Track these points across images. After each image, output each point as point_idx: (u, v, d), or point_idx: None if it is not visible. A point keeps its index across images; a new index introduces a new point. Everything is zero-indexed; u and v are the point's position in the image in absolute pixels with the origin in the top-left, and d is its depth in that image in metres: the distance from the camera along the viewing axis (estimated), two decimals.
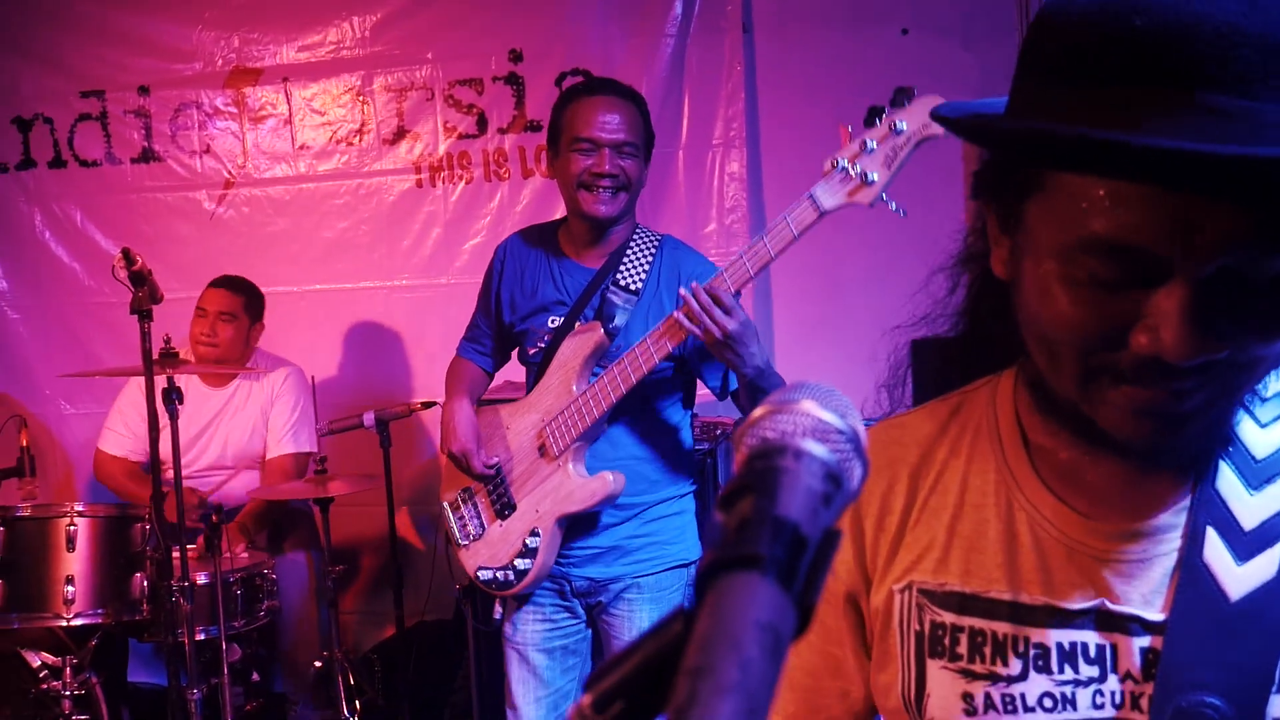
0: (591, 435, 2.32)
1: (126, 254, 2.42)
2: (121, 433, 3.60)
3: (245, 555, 3.17)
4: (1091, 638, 0.83)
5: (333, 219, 4.05)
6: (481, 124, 3.93)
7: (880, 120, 1.97)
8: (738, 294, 2.12)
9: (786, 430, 0.49)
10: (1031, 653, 0.84)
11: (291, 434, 3.55)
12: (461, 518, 2.50)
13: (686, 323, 2.09)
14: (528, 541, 2.36)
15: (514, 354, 2.60)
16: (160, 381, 2.64)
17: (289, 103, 4.05)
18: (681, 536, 2.45)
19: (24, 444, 2.93)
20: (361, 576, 4.02)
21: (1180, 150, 0.63)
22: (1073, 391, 0.77)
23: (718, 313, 2.05)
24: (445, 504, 2.54)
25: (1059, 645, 0.84)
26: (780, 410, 0.50)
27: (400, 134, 3.99)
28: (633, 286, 2.33)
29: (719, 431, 3.44)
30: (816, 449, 0.48)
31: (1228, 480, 0.82)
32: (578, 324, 2.37)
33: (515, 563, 2.38)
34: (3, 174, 4.20)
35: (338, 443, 3.54)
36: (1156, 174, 0.66)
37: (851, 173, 1.99)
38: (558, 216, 2.58)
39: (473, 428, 2.43)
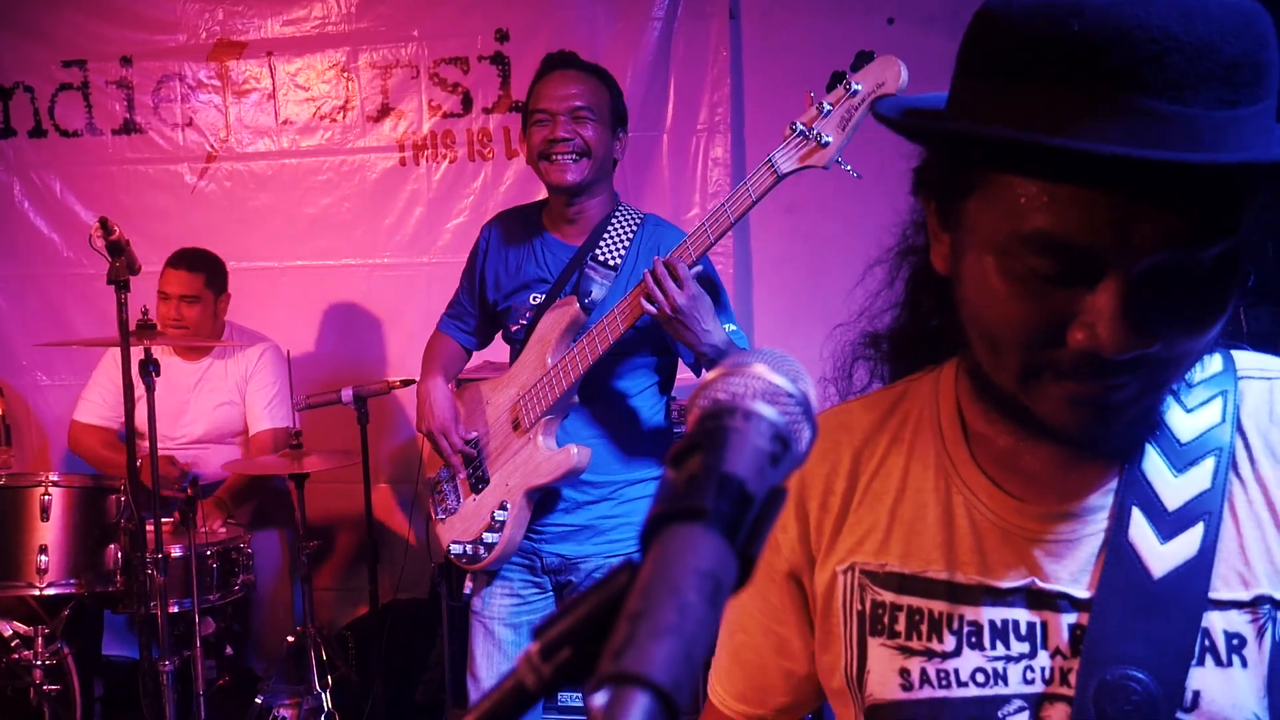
0: (561, 408, 2.33)
1: (104, 223, 2.41)
2: (97, 402, 3.60)
3: (222, 530, 3.17)
4: (1023, 615, 0.86)
5: (315, 195, 4.04)
6: (466, 103, 3.93)
7: (839, 84, 2.00)
8: (696, 265, 2.13)
9: (737, 392, 0.50)
10: (965, 630, 0.87)
11: (268, 410, 3.55)
12: (441, 493, 2.52)
13: (644, 302, 2.10)
14: (495, 514, 2.38)
15: (498, 334, 2.61)
16: (137, 353, 2.63)
17: (273, 77, 4.03)
18: None
19: (0, 413, 2.91)
20: (336, 553, 4.02)
21: (1099, 153, 0.66)
22: (1013, 384, 0.80)
23: (670, 285, 2.07)
24: (428, 479, 2.56)
25: (991, 623, 0.86)
26: (732, 373, 0.51)
27: (384, 111, 3.98)
28: (611, 262, 2.35)
29: None
30: (766, 410, 0.49)
31: (1153, 463, 0.85)
32: (556, 301, 2.38)
33: (484, 536, 2.39)
34: None
35: (314, 419, 3.54)
36: (1084, 176, 0.69)
37: (808, 135, 2.01)
38: (541, 197, 2.59)
39: (449, 405, 2.44)
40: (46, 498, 2.79)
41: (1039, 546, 0.86)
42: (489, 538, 2.38)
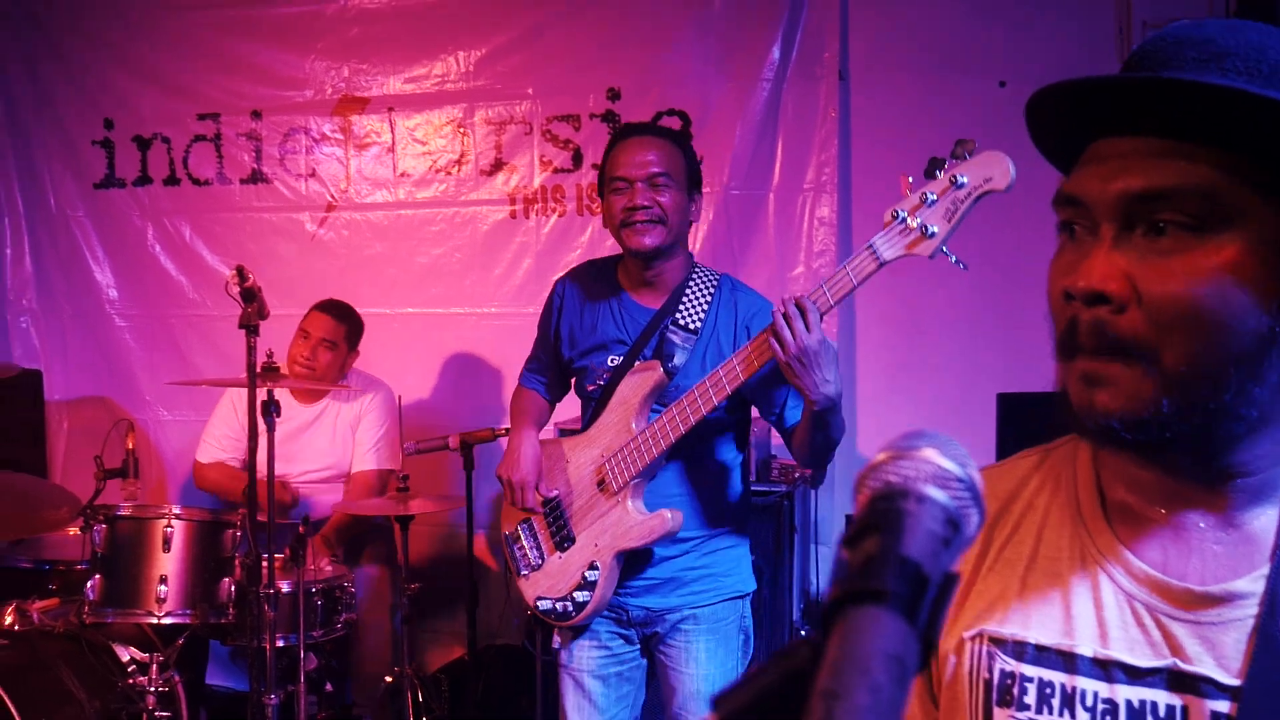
0: (650, 472, 2.34)
1: (240, 271, 2.53)
2: (216, 443, 3.74)
3: (328, 568, 3.26)
4: (1162, 697, 0.84)
5: (428, 245, 4.17)
6: (577, 159, 4.02)
7: (940, 172, 1.96)
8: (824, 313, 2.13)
9: (909, 475, 0.52)
10: (1100, 708, 0.85)
11: (375, 451, 3.65)
12: (522, 548, 2.53)
13: (772, 341, 2.08)
14: (586, 574, 2.39)
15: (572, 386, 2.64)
16: (260, 394, 2.74)
17: (393, 131, 4.19)
18: (737, 568, 2.47)
19: (130, 446, 3.06)
20: (435, 595, 4.09)
21: (1084, 81, 0.82)
22: (1060, 372, 0.85)
23: (799, 325, 2.05)
24: (505, 534, 2.57)
25: (1128, 702, 0.85)
26: (903, 456, 0.53)
27: (497, 165, 4.10)
28: (692, 325, 2.36)
29: (796, 475, 3.44)
30: (938, 494, 0.51)
31: None
32: (637, 363, 2.40)
33: (574, 594, 2.40)
34: (121, 189, 4.42)
35: (421, 463, 3.62)
36: (1094, 127, 0.84)
37: (911, 224, 2.00)
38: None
39: (536, 460, 2.47)
40: (169, 530, 2.91)
41: (1182, 626, 0.84)
42: (580, 596, 2.40)
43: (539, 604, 2.47)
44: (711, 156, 3.90)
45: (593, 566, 2.38)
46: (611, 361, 2.43)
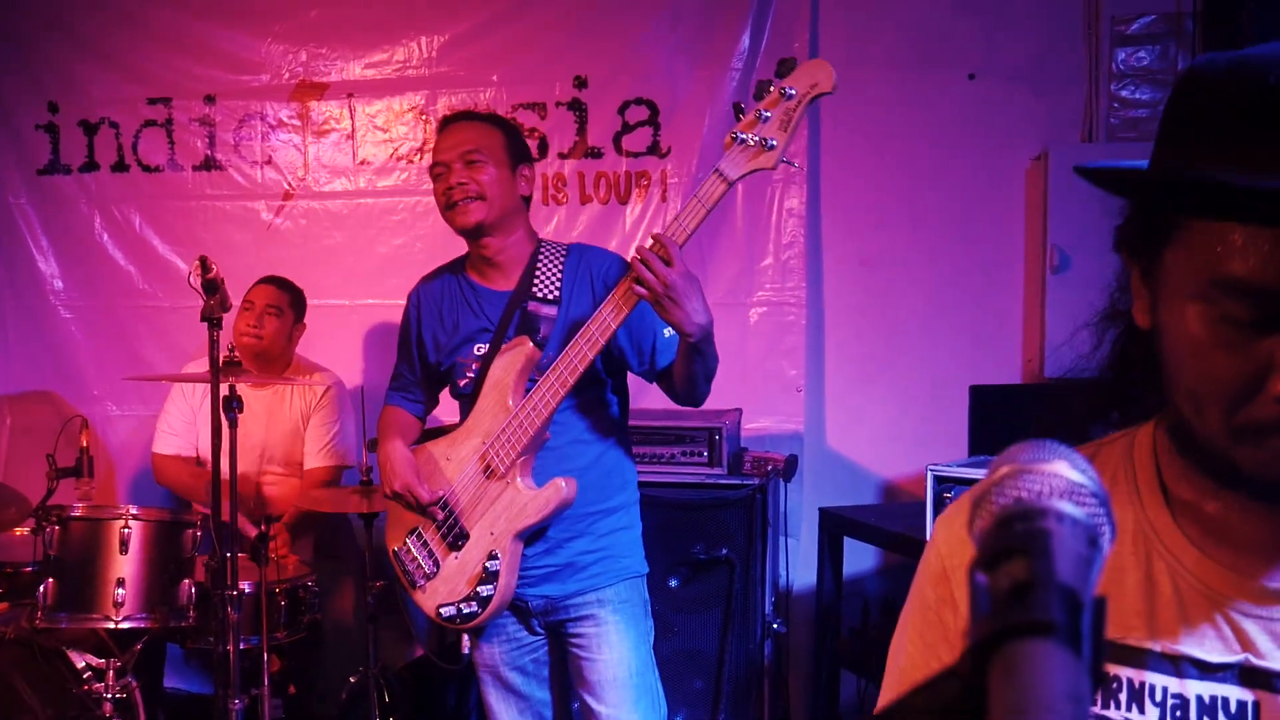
0: (535, 445, 2.31)
1: (203, 262, 2.43)
2: (173, 432, 3.63)
3: (290, 566, 3.16)
4: (1234, 692, 0.83)
5: (389, 235, 4.08)
6: (543, 148, 3.95)
7: (770, 91, 2.08)
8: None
9: (1041, 490, 0.48)
10: (1170, 703, 0.84)
11: (328, 448, 3.57)
12: (413, 559, 2.45)
13: (635, 285, 2.11)
14: (488, 565, 2.33)
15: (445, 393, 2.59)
16: (222, 389, 2.64)
17: (352, 118, 4.08)
18: (633, 550, 2.45)
19: (84, 444, 2.94)
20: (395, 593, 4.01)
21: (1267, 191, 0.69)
22: (1219, 443, 0.79)
23: (658, 264, 2.08)
24: (393, 550, 2.49)
25: (1199, 698, 0.83)
26: (1029, 470, 0.49)
27: None
28: (550, 296, 2.36)
29: (769, 467, 3.42)
30: (1076, 511, 0.47)
31: None
32: (503, 345, 2.37)
33: (478, 590, 2.34)
34: (66, 175, 4.26)
35: None
36: (1276, 219, 0.71)
37: (750, 141, 2.08)
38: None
39: (411, 465, 2.41)
40: (126, 530, 2.80)
41: (1253, 622, 0.83)
42: (484, 590, 2.34)
43: (441, 612, 2.40)
44: (680, 146, 3.86)
45: (493, 556, 2.32)
46: (478, 351, 2.41)
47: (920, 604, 0.98)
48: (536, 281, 2.38)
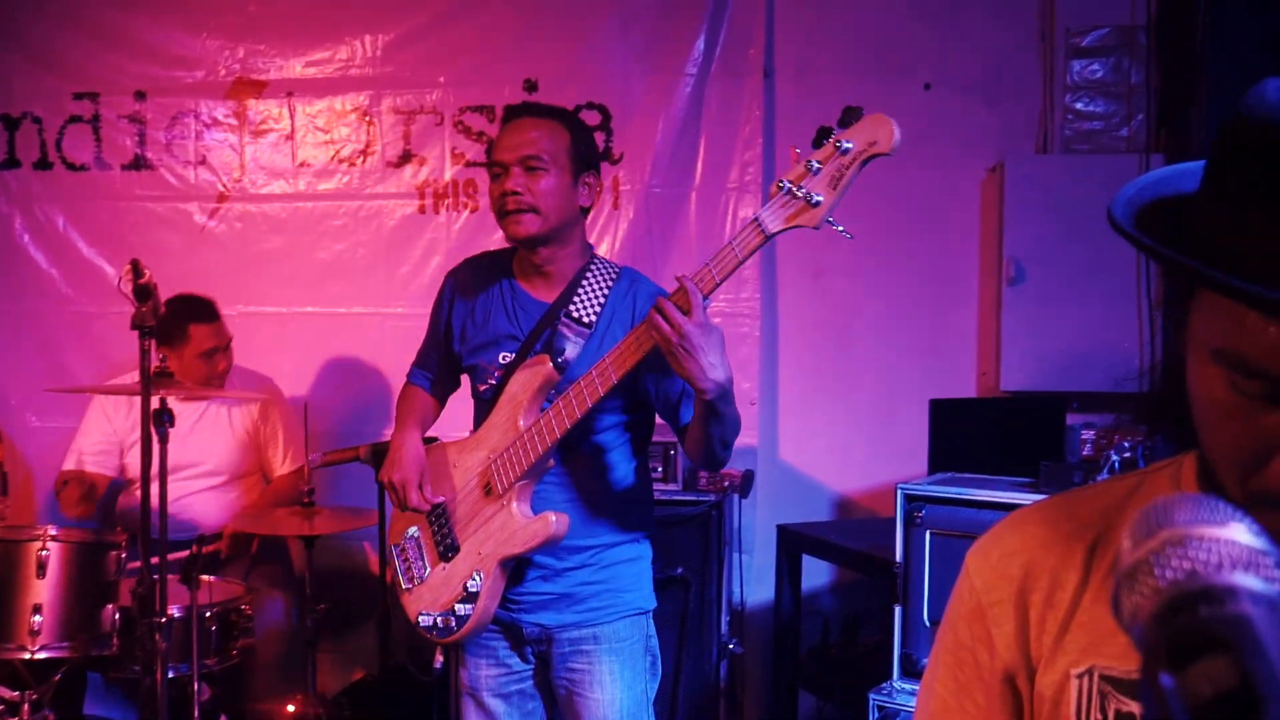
0: (537, 471, 2.20)
1: (135, 265, 2.27)
2: (89, 451, 3.43)
3: (221, 589, 3.00)
4: None
5: (329, 240, 3.92)
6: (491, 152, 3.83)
7: (826, 141, 1.87)
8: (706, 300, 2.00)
9: (1218, 562, 0.38)
10: None
11: (291, 452, 3.46)
12: (406, 560, 2.36)
13: (653, 329, 1.96)
14: (468, 585, 2.23)
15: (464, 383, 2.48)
16: (151, 402, 2.48)
17: (292, 118, 3.92)
18: (638, 584, 2.32)
19: None
20: (336, 614, 3.84)
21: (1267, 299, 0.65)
22: (1239, 500, 0.74)
23: (673, 310, 1.93)
24: (392, 546, 2.40)
25: None
26: (1199, 536, 0.39)
27: (406, 157, 3.88)
28: (586, 319, 2.22)
29: (725, 483, 3.33)
30: (1264, 587, 0.37)
31: None
32: (527, 360, 2.25)
33: (455, 608, 2.24)
34: None
35: (325, 473, 3.38)
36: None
37: (796, 193, 1.89)
38: None
39: (418, 459, 2.31)
40: (44, 553, 2.60)
41: None
42: (461, 609, 2.24)
43: (420, 620, 2.31)
44: (633, 153, 3.77)
45: (475, 576, 2.22)
46: (503, 359, 2.28)
47: (953, 642, 0.91)
48: (576, 300, 2.24)
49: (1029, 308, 3.46)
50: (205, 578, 2.92)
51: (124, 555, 2.73)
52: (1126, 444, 2.50)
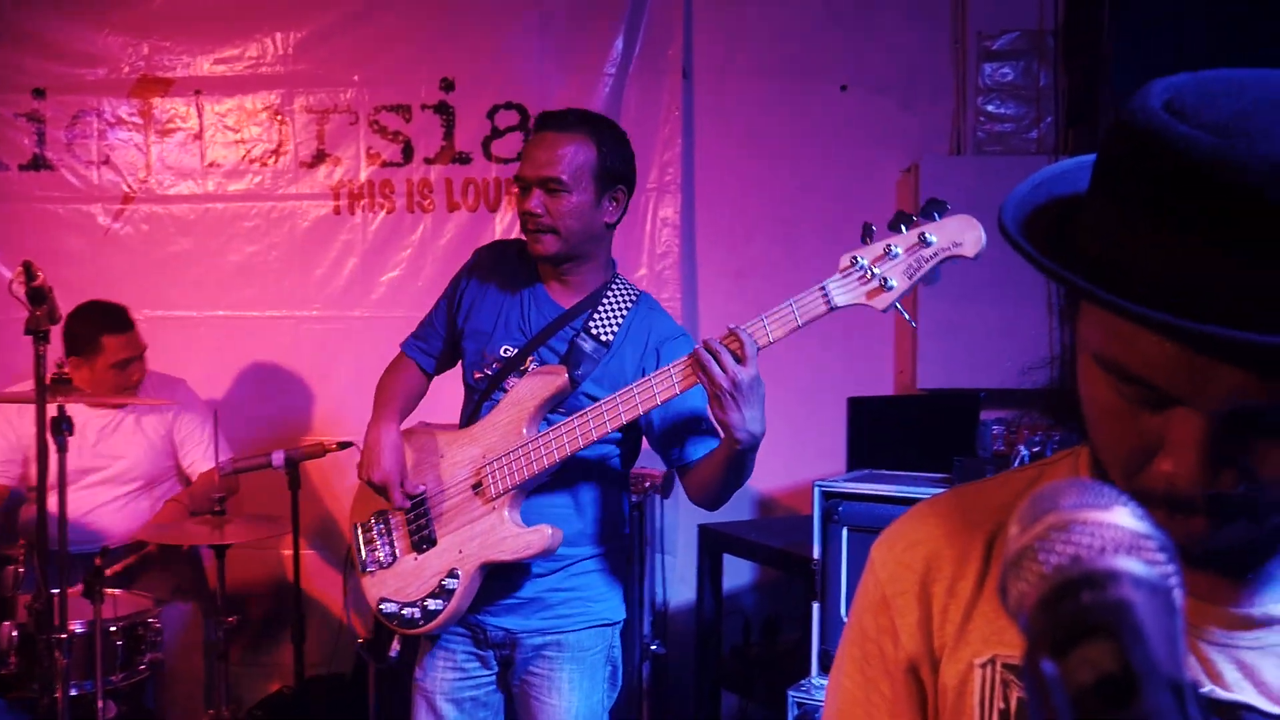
0: (535, 482, 2.18)
1: (28, 268, 2.17)
2: None
3: (127, 601, 2.89)
4: None
5: (240, 242, 3.82)
6: (407, 153, 3.77)
7: (908, 228, 1.89)
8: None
9: (1100, 546, 0.38)
10: None
11: (209, 448, 3.34)
12: (371, 541, 2.31)
13: (701, 372, 1.94)
14: (445, 582, 2.20)
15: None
16: (49, 409, 2.38)
17: (200, 117, 3.82)
18: (607, 594, 2.30)
19: None
20: (250, 625, 3.74)
21: (1150, 319, 0.64)
22: (1128, 486, 0.75)
23: (728, 357, 1.93)
24: (355, 524, 2.35)
25: None
26: (1082, 520, 0.39)
27: (319, 157, 3.80)
28: (604, 337, 2.20)
29: (647, 484, 3.32)
30: (1149, 572, 0.37)
31: None
32: (530, 360, 2.22)
33: (427, 602, 2.21)
34: None
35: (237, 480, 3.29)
36: (1168, 335, 0.67)
37: (871, 274, 1.90)
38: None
39: (397, 455, 2.26)
40: None
41: (1217, 651, 0.78)
42: (433, 604, 2.21)
43: (382, 605, 2.26)
44: None
45: (453, 574, 2.19)
46: (505, 351, 2.24)
47: (859, 635, 0.91)
48: (596, 317, 2.21)
49: (944, 306, 3.51)
50: (110, 591, 2.82)
51: (20, 570, 2.62)
52: (1037, 438, 2.55)
